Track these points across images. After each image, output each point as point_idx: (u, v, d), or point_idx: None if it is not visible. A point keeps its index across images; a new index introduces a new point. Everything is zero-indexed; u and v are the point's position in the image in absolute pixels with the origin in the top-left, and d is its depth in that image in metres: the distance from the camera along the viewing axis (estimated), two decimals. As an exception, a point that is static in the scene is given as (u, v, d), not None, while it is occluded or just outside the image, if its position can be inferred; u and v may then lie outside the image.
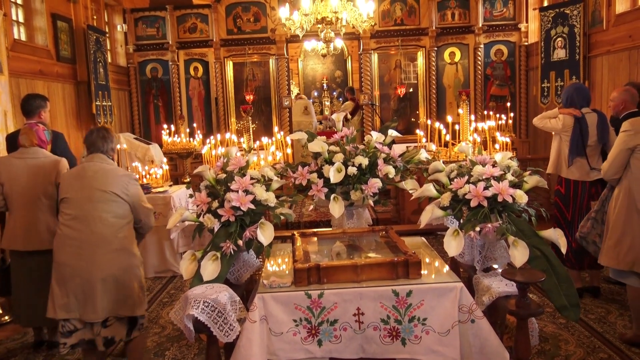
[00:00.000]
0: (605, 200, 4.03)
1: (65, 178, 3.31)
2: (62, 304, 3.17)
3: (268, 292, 2.50)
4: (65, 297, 3.17)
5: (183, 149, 7.04)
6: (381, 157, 3.27)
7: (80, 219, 3.19)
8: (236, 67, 9.74)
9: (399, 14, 9.50)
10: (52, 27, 7.01)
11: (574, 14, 7.27)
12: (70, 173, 3.35)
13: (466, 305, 2.47)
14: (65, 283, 3.17)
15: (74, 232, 3.18)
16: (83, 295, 3.16)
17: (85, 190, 3.22)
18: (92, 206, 3.20)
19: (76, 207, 3.20)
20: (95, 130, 3.44)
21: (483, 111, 9.18)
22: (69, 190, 3.24)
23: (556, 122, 4.60)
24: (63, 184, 3.29)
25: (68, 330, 3.22)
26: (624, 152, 3.75)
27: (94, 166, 3.32)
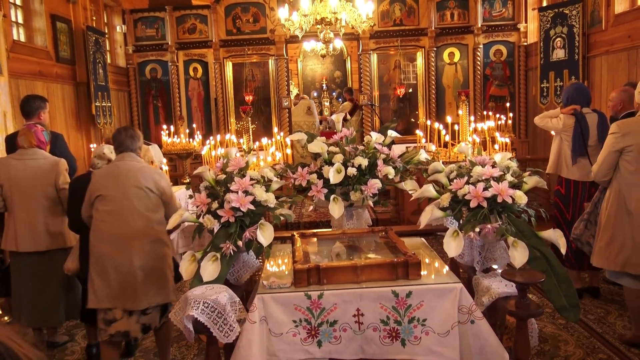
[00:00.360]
0: (598, 202, 4.04)
1: (98, 177, 3.41)
2: (105, 294, 3.30)
3: (268, 292, 2.51)
4: (108, 288, 3.30)
5: (183, 149, 7.04)
6: (381, 158, 3.27)
7: (118, 214, 3.32)
8: (235, 67, 9.74)
9: (398, 15, 9.51)
10: (51, 28, 7.01)
11: (573, 14, 7.27)
12: (104, 172, 3.45)
13: (466, 306, 2.47)
14: (107, 274, 3.30)
15: (112, 227, 3.31)
16: (124, 285, 3.30)
17: (121, 188, 3.35)
18: (128, 202, 3.34)
19: (113, 203, 3.32)
20: (123, 130, 3.55)
21: (482, 111, 9.19)
22: (104, 188, 3.35)
23: (557, 122, 4.60)
24: (96, 183, 3.39)
25: (109, 319, 3.34)
26: (612, 154, 3.74)
27: (126, 164, 3.44)
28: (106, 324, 3.34)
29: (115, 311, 3.33)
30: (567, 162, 4.55)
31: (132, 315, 3.36)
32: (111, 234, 3.31)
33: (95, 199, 3.34)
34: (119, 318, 3.34)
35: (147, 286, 3.33)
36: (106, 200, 3.33)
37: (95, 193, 3.35)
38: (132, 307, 3.33)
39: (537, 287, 4.63)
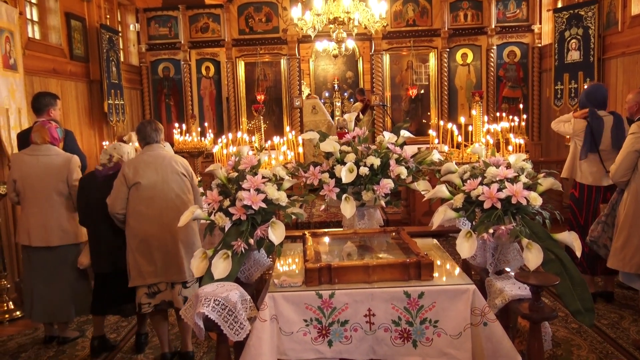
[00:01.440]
0: (615, 204, 3.99)
1: (134, 166, 3.60)
2: (149, 271, 3.59)
3: (279, 291, 2.49)
4: (153, 265, 3.59)
5: (194, 148, 7.06)
6: (393, 158, 3.25)
7: (160, 198, 3.60)
8: (248, 67, 9.75)
9: (411, 15, 9.47)
10: (65, 26, 7.07)
11: (589, 15, 7.20)
12: (137, 162, 3.64)
13: (479, 308, 2.44)
14: (152, 253, 3.59)
15: (155, 210, 3.58)
16: (169, 261, 3.61)
17: (160, 174, 3.62)
18: (168, 187, 3.63)
19: (154, 189, 3.59)
20: (147, 123, 3.78)
21: (495, 113, 9.12)
22: (141, 176, 3.57)
23: (568, 126, 4.56)
24: (132, 171, 3.57)
25: (153, 291, 3.65)
26: (631, 155, 3.70)
27: (159, 154, 3.72)
28: (150, 296, 3.64)
29: (160, 284, 3.64)
30: (580, 167, 4.50)
31: (175, 287, 3.67)
32: (154, 217, 3.58)
33: (133, 187, 3.56)
34: (163, 290, 3.66)
35: (188, 260, 3.55)
36: (147, 187, 3.57)
37: (134, 181, 3.56)
38: (177, 279, 3.64)
39: (550, 290, 4.58)
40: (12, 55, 5.32)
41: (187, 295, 3.66)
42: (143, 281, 3.61)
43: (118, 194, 3.60)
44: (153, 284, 3.62)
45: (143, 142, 3.73)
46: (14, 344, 4.30)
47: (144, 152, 3.71)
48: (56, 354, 4.09)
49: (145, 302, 3.64)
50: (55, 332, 4.28)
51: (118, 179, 3.62)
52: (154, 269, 3.60)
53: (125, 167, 3.63)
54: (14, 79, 5.32)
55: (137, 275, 3.61)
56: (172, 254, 3.62)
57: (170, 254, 3.62)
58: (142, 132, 3.72)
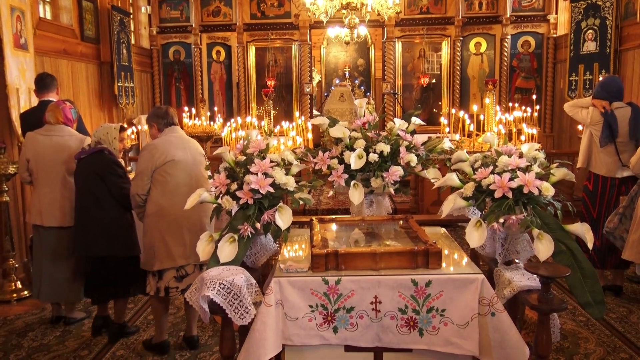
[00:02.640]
0: (635, 196, 3.93)
1: (161, 146, 3.59)
2: (179, 253, 3.57)
3: (284, 276, 2.47)
4: (182, 246, 3.56)
5: (203, 132, 7.05)
6: (403, 145, 3.21)
7: (190, 177, 3.63)
8: (258, 52, 9.70)
9: (425, 2, 9.36)
10: (77, 7, 7.04)
11: (607, 5, 7.06)
12: (166, 141, 3.62)
13: (487, 298, 2.41)
14: (182, 233, 3.57)
15: (186, 189, 3.52)
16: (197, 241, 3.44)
17: (190, 154, 3.67)
18: (196, 167, 3.68)
19: (186, 169, 3.61)
20: (165, 107, 3.84)
21: (507, 103, 9.02)
22: (173, 154, 3.57)
23: (586, 115, 4.48)
24: (160, 152, 3.56)
25: (181, 275, 3.62)
26: None
27: (182, 134, 3.76)
28: (178, 280, 3.61)
29: (188, 267, 3.62)
30: (596, 157, 4.43)
31: (202, 269, 3.52)
32: (186, 196, 3.41)
33: (164, 166, 3.54)
34: (191, 272, 3.63)
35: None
36: (180, 165, 3.58)
37: (166, 160, 3.54)
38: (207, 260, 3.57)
39: (558, 283, 4.54)
40: (23, 35, 5.31)
41: None
42: (173, 263, 3.57)
43: (143, 177, 3.57)
44: (181, 266, 3.60)
45: (163, 124, 3.72)
46: (21, 322, 4.34)
47: (168, 133, 3.69)
48: (62, 334, 4.11)
49: (174, 285, 3.60)
50: (62, 312, 4.31)
51: (146, 161, 3.58)
52: (183, 250, 3.57)
53: (151, 149, 3.60)
54: (25, 58, 5.31)
55: (166, 257, 3.56)
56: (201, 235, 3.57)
57: (199, 234, 3.52)
58: (161, 114, 3.74)
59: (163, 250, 3.56)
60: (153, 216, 3.58)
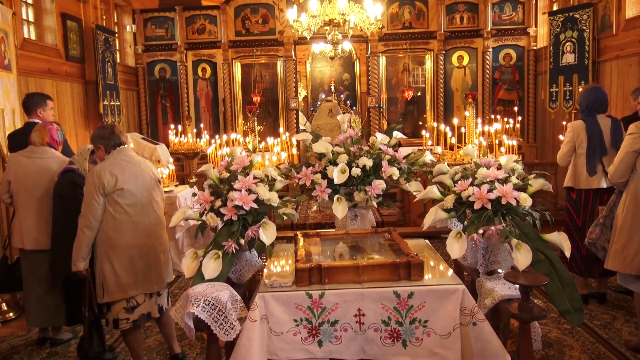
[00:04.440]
0: (614, 206, 4.00)
1: (109, 171, 3.35)
2: (130, 283, 3.40)
3: (269, 291, 2.50)
4: (133, 276, 3.41)
5: (190, 149, 7.05)
6: (385, 159, 3.27)
7: (141, 205, 3.45)
8: (244, 68, 9.76)
9: (408, 17, 9.49)
10: (61, 27, 7.06)
11: (584, 18, 7.23)
12: (115, 165, 3.39)
13: (468, 308, 2.45)
14: (133, 263, 3.41)
15: (137, 217, 3.42)
16: (149, 270, 3.47)
17: (139, 179, 3.46)
18: (147, 193, 3.50)
19: (135, 196, 3.42)
20: (110, 126, 3.60)
21: (490, 115, 9.14)
22: (123, 181, 3.36)
23: (567, 135, 4.55)
24: (109, 177, 3.33)
25: (132, 306, 3.45)
26: (629, 155, 3.72)
27: (132, 157, 3.52)
28: (129, 311, 3.44)
29: (138, 297, 3.47)
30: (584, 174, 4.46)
31: (152, 297, 3.54)
32: (136, 224, 3.42)
33: (114, 194, 3.34)
34: (142, 302, 3.48)
35: (167, 267, 3.60)
36: (128, 193, 3.38)
37: (116, 188, 3.33)
38: (158, 288, 3.54)
39: (543, 290, 4.59)
40: (7, 56, 5.32)
41: (162, 304, 3.60)
42: (124, 294, 3.39)
43: (94, 204, 3.31)
44: (132, 297, 3.42)
45: (110, 146, 3.47)
46: (6, 345, 4.30)
47: (117, 156, 3.44)
48: (49, 355, 4.08)
49: (124, 317, 3.42)
50: (49, 333, 4.27)
51: (90, 187, 3.33)
52: (134, 280, 3.41)
53: (100, 174, 3.33)
54: (9, 79, 5.31)
55: (117, 289, 3.37)
56: (153, 263, 3.48)
57: (151, 262, 3.47)
58: (106, 135, 3.48)
59: (113, 281, 3.37)
60: (103, 245, 3.38)
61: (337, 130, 9.89)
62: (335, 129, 10.17)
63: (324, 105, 10.60)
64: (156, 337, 4.22)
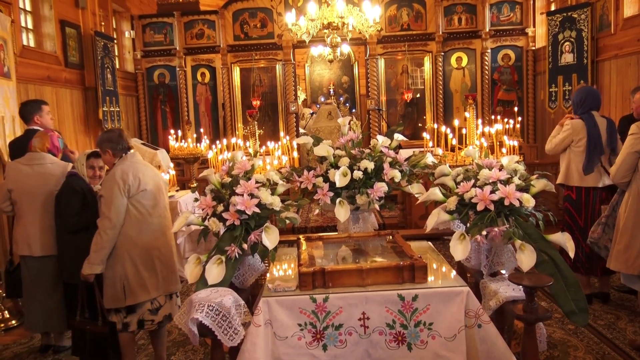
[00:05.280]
0: (616, 205, 4.00)
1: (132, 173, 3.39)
2: (153, 284, 3.42)
3: (273, 296, 2.49)
4: (155, 277, 3.43)
5: (190, 154, 7.04)
6: (387, 161, 3.26)
7: (159, 206, 3.52)
8: (243, 72, 9.76)
9: (406, 19, 9.50)
10: (60, 34, 7.06)
11: (582, 18, 7.23)
12: (136, 168, 3.43)
13: (473, 310, 2.44)
14: (154, 264, 3.43)
15: (157, 218, 3.48)
16: (168, 271, 3.51)
17: (155, 181, 3.54)
18: (161, 194, 3.57)
19: (154, 197, 3.48)
20: (117, 130, 3.61)
21: (490, 116, 9.15)
22: (145, 182, 3.42)
23: (565, 130, 4.51)
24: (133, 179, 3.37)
25: (155, 307, 3.47)
26: (631, 155, 3.72)
27: (143, 161, 3.60)
28: (153, 313, 3.46)
29: (160, 298, 3.49)
30: (578, 171, 4.45)
31: (172, 299, 3.59)
32: (156, 225, 3.47)
33: (138, 194, 3.39)
34: (163, 304, 3.51)
35: (178, 269, 3.64)
36: (149, 194, 3.44)
37: (141, 189, 3.39)
38: (176, 289, 3.58)
39: (546, 291, 4.58)
40: (6, 63, 5.32)
41: (178, 304, 3.64)
42: (148, 295, 3.40)
43: (118, 205, 3.31)
44: (154, 298, 3.44)
45: (119, 150, 3.48)
46: (9, 353, 4.28)
47: (130, 159, 3.48)
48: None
49: (149, 318, 3.45)
50: (52, 341, 4.26)
51: (114, 188, 3.31)
52: (156, 281, 3.43)
53: (124, 175, 3.35)
54: (8, 86, 5.31)
55: (141, 290, 3.37)
56: (170, 264, 3.53)
57: (168, 263, 3.52)
58: (115, 138, 3.49)
59: (137, 283, 3.36)
60: (125, 246, 3.35)
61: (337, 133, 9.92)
62: (334, 131, 10.17)
63: (324, 108, 10.61)
64: (159, 343, 4.21)
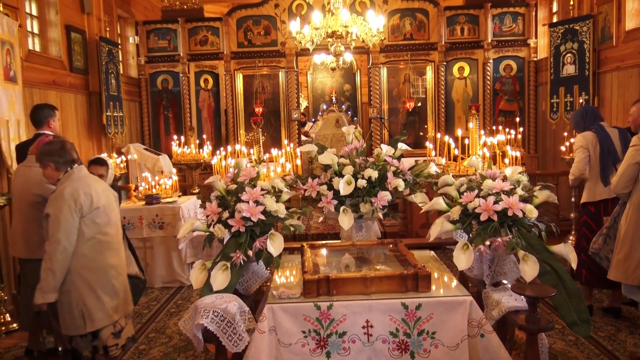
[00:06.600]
0: (617, 216, 4.01)
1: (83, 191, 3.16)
2: (114, 306, 3.24)
3: (277, 303, 2.51)
4: (116, 299, 3.26)
5: (192, 160, 7.08)
6: (391, 170, 3.29)
7: (113, 223, 3.34)
8: (246, 79, 9.80)
9: (409, 29, 9.55)
10: (66, 39, 7.11)
11: (584, 30, 7.28)
12: (85, 184, 3.20)
13: (476, 320, 2.46)
14: (113, 285, 3.25)
15: (111, 237, 3.30)
16: (124, 291, 3.35)
17: (106, 196, 3.32)
18: (113, 210, 3.37)
19: (106, 214, 3.27)
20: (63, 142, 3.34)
21: (492, 126, 9.18)
22: (97, 200, 3.19)
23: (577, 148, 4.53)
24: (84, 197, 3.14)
25: (118, 330, 3.29)
26: (632, 167, 3.74)
27: (90, 174, 3.39)
28: (116, 336, 3.27)
29: (121, 320, 3.32)
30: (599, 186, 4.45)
31: (129, 319, 3.45)
32: (110, 244, 3.27)
33: (91, 214, 3.15)
34: (124, 325, 3.34)
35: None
36: (102, 212, 3.21)
37: (93, 207, 3.15)
38: (131, 310, 3.42)
39: (546, 302, 4.59)
40: (12, 68, 5.36)
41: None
42: (109, 320, 3.21)
43: (70, 228, 3.07)
44: (117, 321, 3.27)
45: (62, 163, 3.22)
46: (10, 356, 4.29)
47: (78, 173, 3.24)
48: (53, 366, 4.07)
49: (113, 343, 3.25)
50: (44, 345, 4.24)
51: (64, 209, 3.06)
52: (116, 304, 3.24)
53: (75, 195, 3.10)
54: (14, 91, 5.34)
55: (103, 315, 3.17)
56: (126, 283, 3.37)
57: (125, 282, 3.35)
58: (56, 151, 3.23)
59: (96, 308, 3.15)
60: (80, 271, 3.12)
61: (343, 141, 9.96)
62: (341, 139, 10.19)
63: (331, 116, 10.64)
64: (160, 348, 4.22)
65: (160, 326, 4.68)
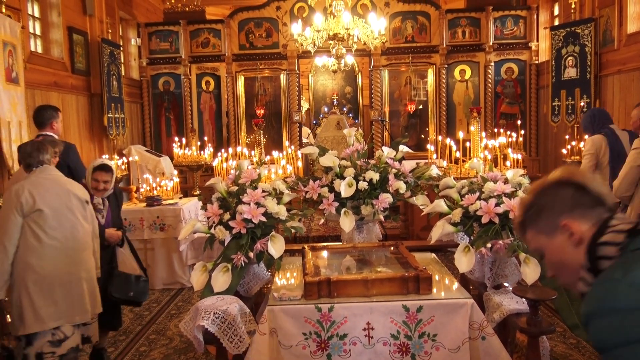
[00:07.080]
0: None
1: (29, 191, 3.11)
2: (49, 313, 3.12)
3: (278, 304, 2.51)
4: (53, 306, 3.13)
5: (193, 161, 7.08)
6: (392, 173, 3.29)
7: (64, 227, 3.19)
8: (247, 81, 9.81)
9: (410, 32, 9.56)
10: (68, 40, 7.12)
11: (585, 33, 7.29)
12: (36, 185, 3.15)
13: (477, 322, 2.46)
14: (52, 291, 3.13)
15: (58, 242, 3.16)
16: (71, 299, 3.20)
17: (63, 199, 3.22)
18: (72, 214, 3.24)
19: (57, 218, 3.17)
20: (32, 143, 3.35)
21: (493, 129, 9.18)
22: (43, 202, 3.12)
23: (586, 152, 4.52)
24: (28, 197, 3.09)
25: (58, 339, 3.17)
26: (634, 170, 3.74)
27: (56, 177, 3.29)
28: (55, 345, 3.16)
29: (64, 328, 3.19)
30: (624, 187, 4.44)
31: (79, 328, 3.31)
32: (59, 250, 3.16)
33: (32, 215, 3.09)
34: (70, 334, 3.21)
35: (92, 297, 3.32)
36: (50, 215, 3.13)
37: (34, 208, 3.09)
38: (82, 319, 3.26)
39: (548, 305, 4.58)
40: (15, 69, 5.37)
41: (87, 334, 3.39)
42: (42, 326, 3.10)
43: (10, 226, 3.05)
44: (56, 329, 3.15)
45: (28, 165, 3.25)
46: (11, 357, 4.28)
47: (38, 175, 3.21)
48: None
49: (49, 351, 3.12)
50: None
51: (7, 206, 3.07)
52: (54, 310, 3.12)
53: (18, 192, 3.09)
54: (16, 92, 5.35)
55: (34, 321, 3.08)
56: (76, 292, 3.23)
57: (73, 291, 3.21)
58: (29, 152, 3.26)
59: (30, 312, 3.07)
60: (21, 273, 3.09)
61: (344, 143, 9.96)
62: (342, 141, 10.21)
63: (332, 118, 10.66)
64: (160, 349, 4.22)
65: (160, 328, 4.68)
